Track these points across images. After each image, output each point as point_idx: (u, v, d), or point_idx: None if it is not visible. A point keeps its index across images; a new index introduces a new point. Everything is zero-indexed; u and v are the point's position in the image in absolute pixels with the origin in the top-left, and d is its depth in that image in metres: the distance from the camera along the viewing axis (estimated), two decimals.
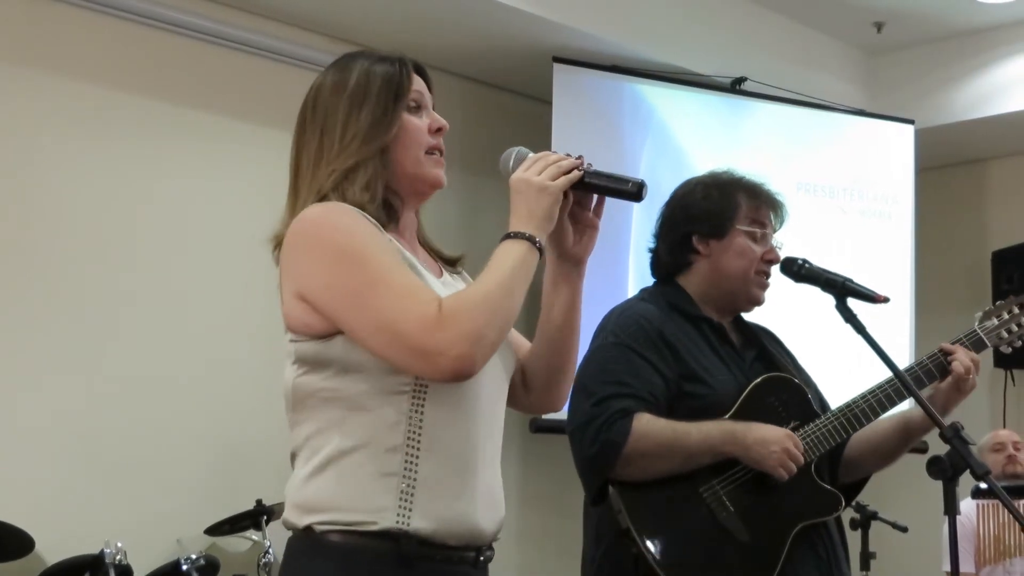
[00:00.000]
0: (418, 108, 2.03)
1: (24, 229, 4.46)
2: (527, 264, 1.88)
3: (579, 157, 2.00)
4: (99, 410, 4.52)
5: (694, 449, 2.61)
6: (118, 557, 4.01)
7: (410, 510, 1.81)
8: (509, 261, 1.87)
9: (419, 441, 1.84)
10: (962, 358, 2.76)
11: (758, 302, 2.86)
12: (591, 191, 2.03)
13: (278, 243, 1.96)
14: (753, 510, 2.65)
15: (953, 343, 2.83)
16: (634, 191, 2.01)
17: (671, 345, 2.69)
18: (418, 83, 2.05)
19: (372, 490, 1.81)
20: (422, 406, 1.85)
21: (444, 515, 1.84)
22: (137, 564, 4.12)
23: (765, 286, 2.84)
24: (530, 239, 1.89)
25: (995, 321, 2.90)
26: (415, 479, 1.82)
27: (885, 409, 2.76)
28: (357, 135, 1.95)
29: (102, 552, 3.98)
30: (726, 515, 2.63)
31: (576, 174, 1.96)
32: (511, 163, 2.02)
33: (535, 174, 1.94)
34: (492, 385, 1.96)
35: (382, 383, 1.84)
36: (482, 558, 1.92)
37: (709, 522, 2.62)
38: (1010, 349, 2.94)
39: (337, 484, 1.83)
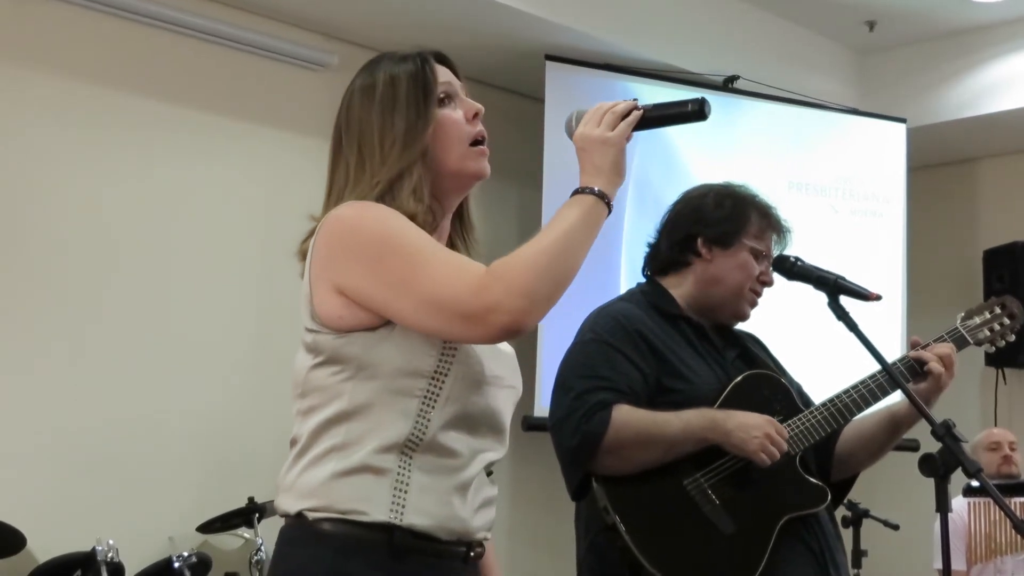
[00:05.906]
0: (449, 99, 1.99)
1: (17, 227, 4.45)
2: (590, 219, 1.85)
3: (634, 100, 1.97)
4: (91, 408, 4.51)
5: (675, 437, 2.61)
6: (110, 555, 4.00)
7: (403, 505, 1.82)
8: (571, 217, 1.84)
9: (419, 442, 1.84)
10: (934, 364, 2.73)
11: (743, 318, 2.88)
12: (657, 125, 2.01)
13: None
14: (738, 503, 2.65)
15: (936, 341, 2.82)
16: (697, 110, 1.98)
17: (649, 342, 2.70)
18: (444, 73, 2.00)
19: (367, 483, 1.82)
20: (430, 410, 1.84)
21: (436, 512, 1.84)
22: (129, 562, 4.11)
23: (754, 304, 2.86)
24: (598, 194, 1.87)
25: (977, 320, 2.91)
26: (409, 477, 1.83)
27: (870, 403, 2.76)
28: (396, 142, 1.91)
29: (94, 550, 3.98)
30: (711, 508, 2.64)
31: (636, 115, 1.95)
32: (572, 124, 1.98)
33: (595, 127, 1.93)
34: (500, 399, 1.95)
35: (395, 383, 1.83)
36: (472, 554, 1.92)
37: (694, 515, 2.63)
38: (993, 348, 2.94)
39: (333, 474, 1.83)
